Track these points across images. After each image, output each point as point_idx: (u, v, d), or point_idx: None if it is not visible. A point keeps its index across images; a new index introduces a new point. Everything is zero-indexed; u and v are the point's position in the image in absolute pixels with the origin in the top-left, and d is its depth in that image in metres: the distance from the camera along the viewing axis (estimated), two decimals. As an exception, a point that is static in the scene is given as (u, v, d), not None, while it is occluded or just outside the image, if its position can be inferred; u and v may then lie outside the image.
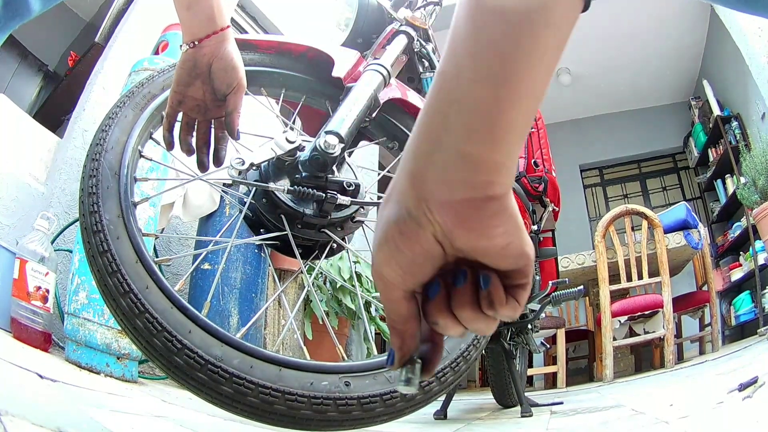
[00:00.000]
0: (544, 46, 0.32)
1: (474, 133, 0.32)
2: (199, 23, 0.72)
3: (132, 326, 0.62)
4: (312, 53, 1.01)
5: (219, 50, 0.73)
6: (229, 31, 0.74)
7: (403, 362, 0.38)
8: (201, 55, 0.73)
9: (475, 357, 0.80)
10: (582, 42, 5.66)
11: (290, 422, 0.63)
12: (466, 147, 0.32)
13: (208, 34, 0.72)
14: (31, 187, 1.97)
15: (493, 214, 0.34)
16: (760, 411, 0.88)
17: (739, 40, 4.02)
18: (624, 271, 3.26)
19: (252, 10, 3.49)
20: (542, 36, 0.32)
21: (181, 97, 0.75)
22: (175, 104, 0.76)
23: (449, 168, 0.33)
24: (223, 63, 0.74)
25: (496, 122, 0.32)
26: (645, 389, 2.21)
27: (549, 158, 2.06)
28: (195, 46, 0.72)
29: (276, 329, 2.31)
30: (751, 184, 3.49)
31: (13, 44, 3.42)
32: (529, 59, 0.32)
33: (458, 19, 0.33)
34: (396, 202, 0.35)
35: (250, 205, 0.78)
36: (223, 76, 0.74)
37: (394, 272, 0.35)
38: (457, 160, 0.33)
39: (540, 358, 4.39)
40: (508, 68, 0.31)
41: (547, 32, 0.32)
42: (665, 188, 6.65)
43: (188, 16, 0.72)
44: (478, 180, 0.33)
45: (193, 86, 0.75)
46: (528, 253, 0.36)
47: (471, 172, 0.33)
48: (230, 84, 0.75)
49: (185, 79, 0.74)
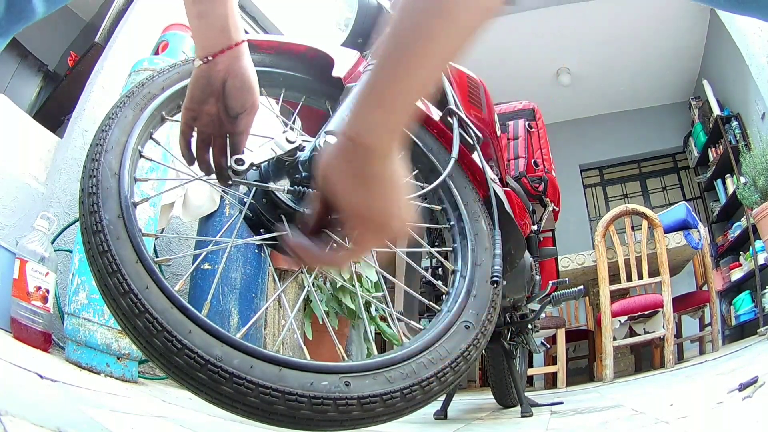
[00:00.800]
0: (435, 44, 0.42)
1: (370, 97, 0.45)
2: (212, 36, 0.69)
3: (132, 326, 0.62)
4: (312, 53, 1.01)
5: (234, 67, 0.70)
6: (245, 46, 0.71)
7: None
8: (215, 71, 0.69)
9: (475, 357, 0.80)
10: (582, 42, 5.67)
11: (290, 422, 0.63)
12: (363, 106, 0.46)
13: (222, 49, 0.69)
14: (31, 187, 1.97)
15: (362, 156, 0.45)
16: (760, 411, 0.88)
17: (739, 40, 4.03)
18: (624, 270, 3.26)
19: (252, 10, 3.49)
20: (437, 36, 0.41)
21: (195, 114, 0.72)
22: (189, 121, 0.73)
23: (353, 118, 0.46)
24: (239, 81, 0.71)
25: (385, 92, 0.44)
26: (645, 389, 2.21)
27: (549, 158, 2.06)
28: (209, 61, 0.69)
29: (276, 329, 2.31)
30: (751, 183, 3.49)
31: (13, 44, 3.42)
32: (421, 51, 0.42)
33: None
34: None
35: (250, 205, 0.78)
36: (237, 95, 0.71)
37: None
38: (355, 114, 0.46)
39: (540, 358, 4.39)
40: (401, 54, 0.42)
41: (442, 33, 0.41)
42: (665, 188, 6.65)
43: (200, 27, 0.69)
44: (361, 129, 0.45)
45: (207, 103, 0.72)
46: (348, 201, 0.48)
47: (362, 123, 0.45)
48: (244, 104, 0.72)
49: (199, 96, 0.71)
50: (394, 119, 0.45)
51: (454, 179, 1.01)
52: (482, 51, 4.42)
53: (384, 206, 0.47)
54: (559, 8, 5.23)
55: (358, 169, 0.46)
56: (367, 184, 0.46)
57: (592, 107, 6.83)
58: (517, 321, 1.93)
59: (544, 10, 5.28)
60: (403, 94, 0.44)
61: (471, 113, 1.42)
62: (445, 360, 0.75)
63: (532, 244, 1.80)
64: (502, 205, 1.09)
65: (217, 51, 0.69)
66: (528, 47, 5.74)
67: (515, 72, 5.93)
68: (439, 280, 1.38)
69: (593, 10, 5.18)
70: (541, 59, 5.96)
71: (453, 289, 0.88)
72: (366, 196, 0.46)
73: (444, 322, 0.80)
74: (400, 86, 0.43)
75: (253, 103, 0.73)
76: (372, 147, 0.45)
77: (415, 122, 1.07)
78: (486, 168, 1.08)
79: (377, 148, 0.45)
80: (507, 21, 5.29)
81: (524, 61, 5.95)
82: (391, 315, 0.86)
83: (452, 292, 0.88)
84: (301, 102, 1.01)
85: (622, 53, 5.79)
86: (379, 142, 0.45)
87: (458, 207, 0.98)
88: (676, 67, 6.00)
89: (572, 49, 5.81)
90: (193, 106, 0.72)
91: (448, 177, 0.94)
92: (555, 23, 5.41)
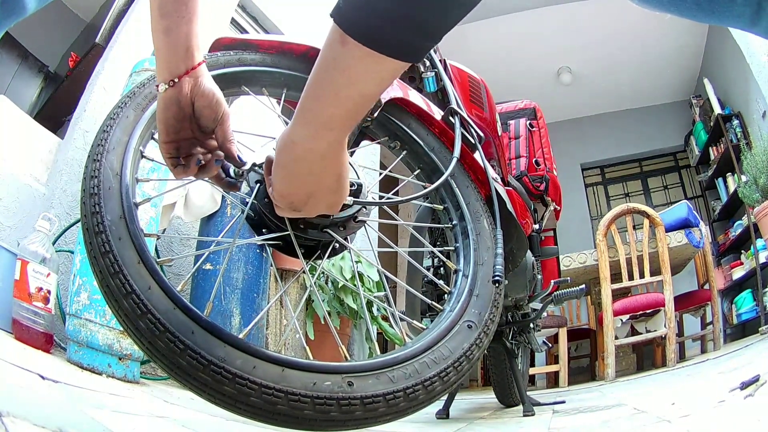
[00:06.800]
0: (337, 83, 0.55)
1: (298, 110, 0.59)
2: (178, 57, 0.68)
3: (134, 327, 0.61)
4: (313, 53, 1.01)
5: (198, 87, 0.69)
6: (204, 66, 0.71)
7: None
8: (183, 95, 0.68)
9: (477, 356, 0.80)
10: (583, 41, 5.67)
11: (293, 422, 0.63)
12: (295, 115, 0.60)
13: (187, 70, 0.68)
14: (32, 188, 1.97)
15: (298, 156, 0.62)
16: (762, 409, 0.88)
17: (740, 39, 4.02)
18: (625, 269, 3.26)
19: (252, 10, 3.49)
20: (335, 78, 0.54)
21: (176, 144, 0.71)
22: (173, 153, 0.71)
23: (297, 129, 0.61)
24: (206, 100, 0.70)
25: (312, 112, 0.58)
26: (647, 388, 2.21)
27: (550, 157, 2.06)
28: (174, 84, 0.68)
29: (278, 329, 2.31)
30: (752, 182, 3.49)
31: (13, 45, 3.43)
32: (328, 89, 0.56)
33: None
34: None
35: (251, 205, 0.78)
36: (208, 113, 0.70)
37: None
38: (298, 124, 0.60)
39: (542, 357, 4.39)
40: (317, 88, 0.57)
41: (340, 77, 0.54)
42: (666, 187, 6.65)
43: (166, 44, 0.67)
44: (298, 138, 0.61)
45: (182, 130, 0.70)
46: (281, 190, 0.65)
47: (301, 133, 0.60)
48: (216, 119, 0.71)
49: (174, 125, 0.69)
50: (312, 127, 0.59)
51: (456, 178, 1.01)
52: (483, 50, 4.44)
53: (297, 186, 0.64)
54: (560, 8, 5.23)
55: (281, 154, 0.63)
56: (285, 167, 0.63)
57: (593, 106, 6.83)
58: (519, 320, 1.93)
59: (545, 10, 5.28)
60: (317, 113, 0.58)
61: (472, 112, 1.42)
62: (447, 359, 0.75)
63: (534, 243, 1.80)
64: (504, 204, 1.09)
65: (182, 72, 0.68)
66: (529, 46, 5.74)
67: (516, 71, 5.94)
68: (441, 280, 1.38)
69: (594, 9, 5.17)
70: (542, 58, 5.96)
71: (455, 289, 0.88)
72: (282, 175, 0.63)
73: (446, 321, 0.80)
74: (315, 108, 0.57)
75: (224, 113, 0.72)
76: (293, 141, 0.61)
77: (416, 121, 1.07)
78: (488, 167, 1.08)
79: (297, 141, 0.61)
80: (508, 21, 5.29)
81: (525, 61, 5.95)
82: (393, 315, 0.86)
83: (454, 291, 0.87)
84: (303, 102, 1.01)
85: (622, 52, 5.78)
86: (300, 139, 0.60)
87: (460, 206, 0.98)
88: (677, 66, 6.00)
89: (573, 48, 5.81)
90: (171, 138, 0.70)
91: (450, 176, 0.93)
92: (556, 23, 5.41)
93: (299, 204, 0.65)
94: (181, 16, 0.67)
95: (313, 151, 0.61)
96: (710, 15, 0.53)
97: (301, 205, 0.66)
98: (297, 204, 0.66)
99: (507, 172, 1.60)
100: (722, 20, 0.54)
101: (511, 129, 2.10)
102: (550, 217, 2.04)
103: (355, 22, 0.50)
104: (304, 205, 0.66)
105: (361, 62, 0.52)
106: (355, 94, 0.56)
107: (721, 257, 4.95)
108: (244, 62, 0.93)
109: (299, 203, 0.65)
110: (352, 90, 0.55)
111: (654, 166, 6.77)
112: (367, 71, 0.53)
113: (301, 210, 0.66)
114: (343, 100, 0.56)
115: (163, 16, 0.66)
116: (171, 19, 0.67)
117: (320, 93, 0.56)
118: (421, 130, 1.06)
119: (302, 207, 0.66)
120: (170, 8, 0.66)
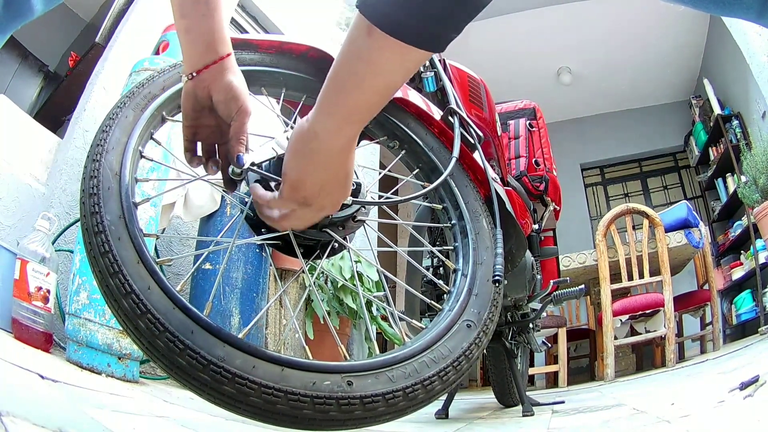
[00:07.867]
0: (362, 74, 0.56)
1: (327, 106, 0.60)
2: (198, 53, 0.70)
3: (134, 327, 0.61)
4: (313, 53, 1.01)
5: (217, 82, 0.71)
6: (230, 60, 0.72)
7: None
8: (201, 88, 0.71)
9: (476, 356, 0.80)
10: (583, 41, 5.67)
11: (292, 422, 0.63)
12: (317, 105, 0.61)
13: (207, 65, 0.70)
14: (32, 187, 1.97)
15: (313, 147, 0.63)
16: (762, 410, 0.88)
17: (740, 39, 4.02)
18: (625, 270, 3.26)
19: (252, 10, 3.49)
20: (360, 69, 0.56)
21: (195, 129, 0.74)
22: (191, 137, 0.75)
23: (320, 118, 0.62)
24: (222, 95, 0.71)
25: (335, 104, 0.59)
26: (646, 388, 2.21)
27: (550, 157, 2.06)
28: (194, 77, 0.70)
29: (277, 329, 2.32)
30: (751, 182, 3.49)
31: (13, 45, 3.43)
32: (352, 80, 0.57)
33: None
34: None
35: (251, 204, 0.78)
36: (224, 108, 0.72)
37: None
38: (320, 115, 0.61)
39: (541, 357, 4.39)
40: (342, 80, 0.58)
41: (365, 67, 0.55)
42: (666, 187, 6.65)
43: (187, 41, 0.70)
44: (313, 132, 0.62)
45: (202, 117, 0.74)
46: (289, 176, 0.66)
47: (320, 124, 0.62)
48: (230, 113, 0.73)
49: (191, 113, 0.73)
50: (335, 119, 0.60)
51: (456, 178, 1.01)
52: (483, 50, 4.44)
53: (314, 177, 0.64)
54: (560, 8, 5.22)
55: (300, 144, 0.63)
56: (304, 156, 0.63)
57: (592, 106, 6.83)
58: (519, 320, 1.93)
59: (545, 10, 5.28)
60: (341, 105, 0.59)
61: (472, 112, 1.42)
62: (447, 359, 0.75)
63: (534, 243, 1.80)
64: (504, 204, 1.09)
65: (201, 67, 0.70)
66: (529, 46, 5.74)
67: (516, 71, 5.93)
68: (441, 279, 1.39)
69: (594, 9, 5.17)
70: (542, 58, 5.96)
71: (454, 288, 0.88)
72: (300, 165, 0.64)
73: (446, 321, 0.80)
74: (340, 99, 0.59)
75: (240, 110, 0.73)
76: (316, 131, 0.61)
77: (415, 121, 1.07)
78: (487, 167, 1.08)
79: (319, 132, 0.61)
80: (508, 20, 5.29)
81: (525, 61, 5.95)
82: (393, 314, 0.86)
83: (454, 291, 0.87)
84: (302, 101, 1.01)
85: (622, 52, 5.78)
86: (323, 131, 0.61)
87: (459, 206, 0.98)
88: (677, 66, 6.00)
89: (573, 49, 5.81)
90: (190, 123, 0.74)
91: (449, 176, 0.93)
92: (555, 22, 5.41)
93: (311, 197, 0.65)
94: (200, 15, 0.69)
95: (334, 143, 0.61)
96: (721, 7, 0.55)
97: (313, 197, 0.65)
98: (309, 197, 0.65)
99: (506, 172, 1.60)
100: (731, 12, 0.55)
101: (510, 129, 2.10)
102: (549, 217, 2.04)
103: (382, 13, 0.52)
104: (315, 198, 0.65)
105: (386, 52, 0.54)
106: (381, 85, 0.57)
107: (720, 257, 4.95)
108: (244, 62, 0.93)
109: (311, 196, 0.65)
110: (378, 80, 0.56)
111: (654, 167, 6.77)
112: (393, 61, 0.55)
113: (311, 204, 0.66)
114: (367, 90, 0.57)
115: (183, 17, 0.69)
116: (190, 18, 0.69)
117: (344, 84, 0.57)
118: (420, 129, 1.06)
119: (313, 200, 0.66)
120: (189, 9, 0.69)
